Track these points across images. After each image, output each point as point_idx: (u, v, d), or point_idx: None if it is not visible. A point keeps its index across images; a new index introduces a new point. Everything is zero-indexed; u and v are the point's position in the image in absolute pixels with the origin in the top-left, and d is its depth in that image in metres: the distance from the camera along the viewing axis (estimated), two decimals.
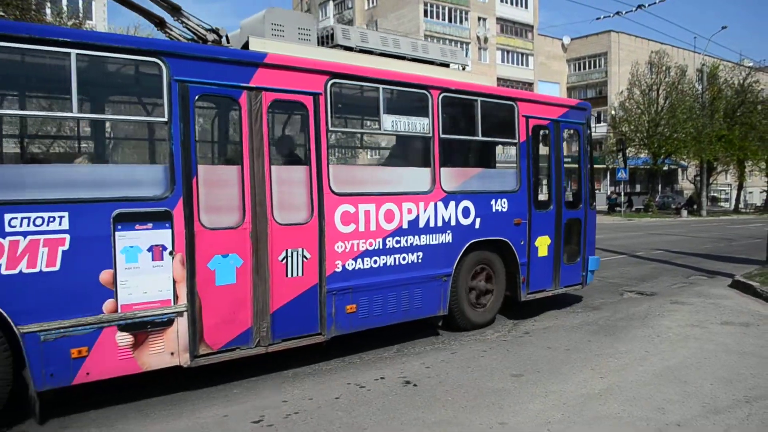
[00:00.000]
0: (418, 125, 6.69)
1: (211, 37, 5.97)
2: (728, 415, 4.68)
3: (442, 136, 6.84)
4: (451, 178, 7.03)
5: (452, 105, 7.16)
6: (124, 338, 4.81)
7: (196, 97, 5.24)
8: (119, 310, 4.78)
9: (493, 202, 7.44)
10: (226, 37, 6.04)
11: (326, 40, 6.77)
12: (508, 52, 57.91)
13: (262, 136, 5.52)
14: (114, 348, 4.76)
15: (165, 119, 5.04)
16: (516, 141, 7.75)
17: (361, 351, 6.50)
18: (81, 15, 23.13)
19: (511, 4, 57.86)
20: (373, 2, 57.03)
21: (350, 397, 5.11)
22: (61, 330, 4.54)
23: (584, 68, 64.38)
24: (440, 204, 6.86)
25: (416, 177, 6.80)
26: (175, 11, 5.96)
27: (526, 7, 58.87)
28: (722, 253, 16.04)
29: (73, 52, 4.60)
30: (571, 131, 8.76)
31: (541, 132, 8.20)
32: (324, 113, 5.91)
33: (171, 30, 6.13)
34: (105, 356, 4.72)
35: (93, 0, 34.10)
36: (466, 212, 7.14)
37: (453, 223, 6.99)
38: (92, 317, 4.67)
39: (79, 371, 4.64)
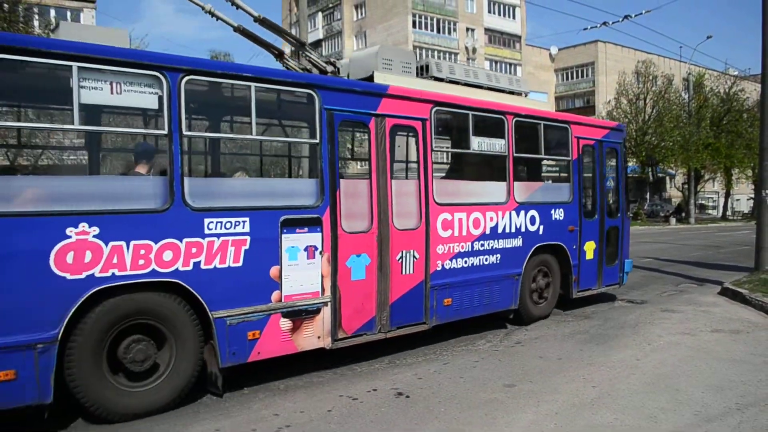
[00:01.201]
0: (497, 145, 7.82)
1: (329, 68, 7.01)
2: (720, 423, 4.70)
3: (515, 154, 7.95)
4: (522, 190, 8.12)
5: (522, 128, 8.12)
6: (286, 323, 5.73)
7: (339, 123, 6.21)
8: (283, 300, 5.70)
9: (552, 211, 8.56)
10: (337, 68, 7.10)
11: (422, 71, 7.90)
12: (496, 62, 58.21)
13: (385, 156, 6.52)
14: (278, 332, 5.69)
15: (317, 141, 5.99)
16: (569, 158, 8.87)
17: (353, 363, 6.48)
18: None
19: (499, 14, 58.29)
20: (361, 13, 57.30)
21: (343, 410, 5.08)
22: (242, 316, 5.44)
23: (572, 78, 64.87)
24: (513, 213, 7.96)
25: (496, 190, 7.86)
26: (301, 46, 7.33)
27: (514, 17, 59.32)
28: (711, 261, 16.15)
29: (253, 85, 5.56)
30: (611, 149, 9.77)
31: (588, 150, 9.31)
32: (429, 135, 6.93)
33: (288, 61, 7.16)
34: (272, 338, 5.65)
35: (81, 12, 34.05)
36: (533, 220, 8.24)
37: (523, 229, 8.10)
38: (264, 305, 5.60)
39: (252, 351, 5.54)
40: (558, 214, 8.64)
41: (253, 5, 6.92)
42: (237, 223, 5.41)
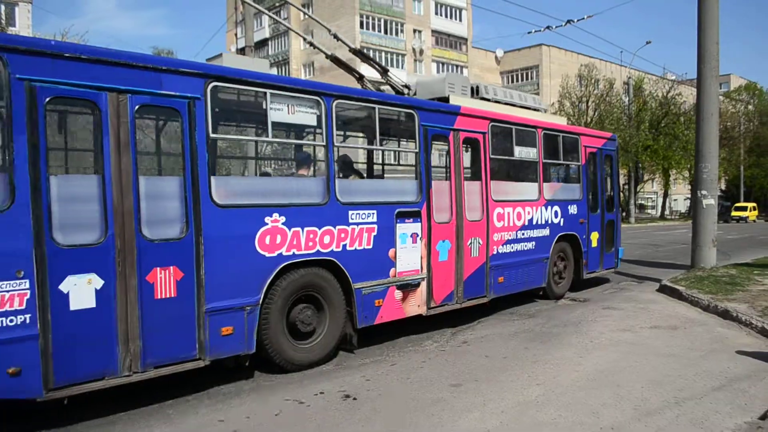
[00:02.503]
0: (531, 153, 9.63)
1: (406, 90, 8.61)
2: (659, 416, 4.83)
3: (544, 160, 9.82)
4: (548, 190, 10.01)
5: (547, 138, 9.95)
6: (399, 294, 7.29)
7: (432, 136, 7.85)
8: (397, 276, 7.25)
9: (569, 207, 10.48)
10: (412, 90, 8.68)
11: (474, 92, 9.38)
12: (443, 64, 58.76)
13: (459, 162, 8.19)
14: (393, 300, 7.24)
15: (417, 150, 7.61)
16: (579, 163, 10.83)
17: (301, 366, 6.40)
18: (3, 21, 22.22)
19: (446, 17, 58.86)
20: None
21: (290, 414, 5.02)
22: (372, 287, 6.97)
23: (517, 80, 65.99)
24: (543, 208, 9.84)
25: (531, 189, 9.69)
26: (384, 72, 8.68)
27: (460, 20, 59.99)
28: (650, 259, 16.66)
29: (377, 107, 7.17)
30: (608, 155, 11.84)
31: (592, 156, 11.25)
32: (487, 145, 8.66)
33: (367, 84, 8.67)
34: (390, 306, 7.20)
35: (16, 6, 32.80)
36: (556, 214, 10.13)
37: (550, 221, 9.97)
38: (385, 279, 7.14)
39: (377, 315, 7.08)
40: (573, 209, 10.58)
41: (198, 3, 6.96)
42: (368, 215, 6.95)
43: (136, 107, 5.13)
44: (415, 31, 56.11)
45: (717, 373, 5.92)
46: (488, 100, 9.44)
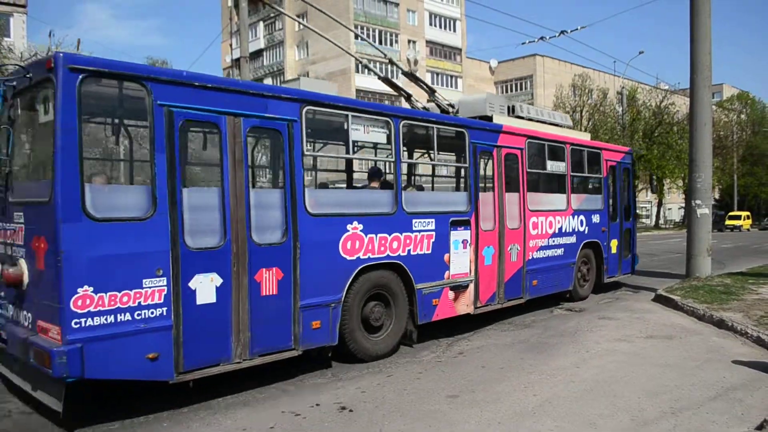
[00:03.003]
0: (560, 167, 10.55)
1: (451, 109, 9.29)
2: (655, 426, 4.82)
3: (571, 173, 10.74)
4: (575, 200, 10.87)
5: (574, 153, 10.85)
6: (451, 295, 8.14)
7: (480, 152, 8.76)
8: (450, 278, 8.09)
9: (592, 216, 11.39)
10: (456, 109, 9.41)
11: (510, 111, 10.09)
12: (437, 74, 58.97)
13: (501, 175, 9.11)
14: (447, 300, 8.09)
15: (467, 165, 8.50)
16: (601, 176, 11.74)
17: (296, 377, 6.39)
18: None
19: (440, 27, 59.14)
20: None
21: (285, 426, 4.99)
22: (430, 287, 7.78)
23: (511, 90, 66.26)
24: (570, 217, 10.75)
25: (560, 200, 10.56)
26: (432, 92, 9.37)
27: (455, 30, 60.27)
28: (645, 268, 16.63)
29: (435, 126, 8.07)
30: (626, 168, 12.79)
31: (612, 169, 12.13)
32: (525, 160, 9.54)
33: (415, 102, 9.23)
34: (444, 305, 8.05)
35: (11, 17, 32.81)
36: (581, 223, 11.04)
37: (576, 229, 10.88)
38: (441, 281, 7.96)
39: (434, 313, 7.90)
40: (595, 219, 11.49)
41: (192, 13, 7.03)
42: (428, 223, 7.76)
43: (248, 128, 5.95)
44: (409, 41, 56.35)
45: (713, 383, 5.92)
46: (522, 118, 10.21)
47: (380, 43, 54.08)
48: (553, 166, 10.38)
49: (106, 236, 4.96)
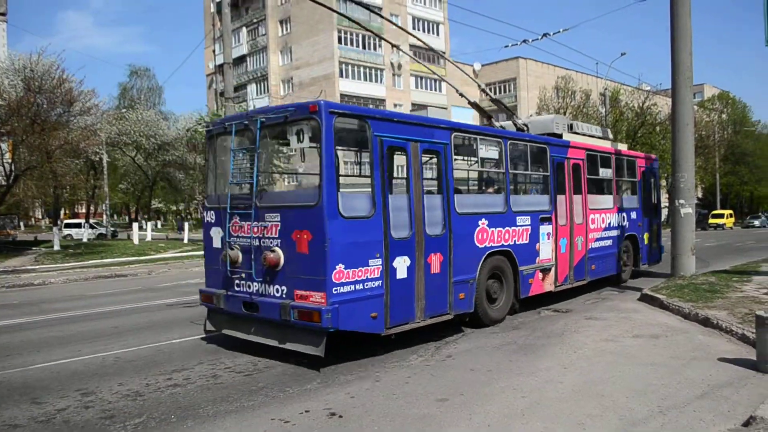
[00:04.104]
0: (608, 173, 12.96)
1: (525, 127, 11.68)
2: (644, 426, 4.85)
3: (616, 177, 13.21)
4: (619, 200, 13.33)
5: (617, 161, 13.39)
6: (540, 275, 10.36)
7: (556, 164, 11.05)
8: (540, 262, 10.34)
9: (631, 213, 13.89)
10: (527, 127, 11.82)
11: (569, 128, 12.40)
12: (421, 78, 59.09)
13: (571, 182, 11.43)
14: (537, 280, 10.29)
15: (548, 173, 10.83)
16: (636, 179, 14.38)
17: (284, 384, 6.35)
18: None
19: (424, 31, 59.23)
20: (286, 29, 56.96)
21: None
22: (528, 269, 9.98)
23: (495, 93, 66.34)
24: (616, 214, 13.20)
25: (609, 200, 13.00)
26: (511, 114, 12.06)
27: (438, 34, 60.40)
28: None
29: (528, 144, 10.59)
30: (653, 172, 15.62)
31: (644, 173, 14.79)
32: (585, 168, 11.95)
33: (494, 123, 11.53)
34: (536, 283, 10.26)
35: None
36: (623, 219, 13.45)
37: (620, 224, 13.34)
38: (534, 264, 10.20)
39: (530, 290, 10.10)
40: (633, 215, 13.94)
41: (175, 20, 7.03)
42: (525, 219, 10.00)
43: (422, 150, 8.11)
44: (393, 45, 56.39)
45: (699, 381, 5.97)
46: (578, 134, 12.57)
47: (364, 48, 54.11)
48: (604, 173, 12.78)
49: (350, 229, 6.93)
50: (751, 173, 70.75)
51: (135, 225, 33.64)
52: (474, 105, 11.80)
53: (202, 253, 9.98)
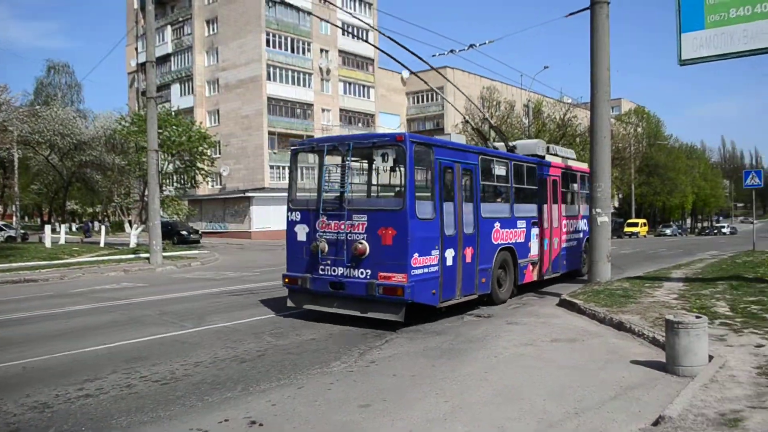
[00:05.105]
0: (575, 186, 16.15)
1: (514, 149, 14.03)
2: (560, 428, 4.97)
3: (580, 191, 16.35)
4: (582, 209, 16.16)
5: (582, 178, 16.29)
6: (530, 268, 13.06)
7: (542, 179, 13.79)
8: (531, 257, 13.03)
9: (587, 219, 15.63)
10: (516, 148, 14.36)
11: (548, 151, 15.20)
12: (350, 84, 59.12)
13: (550, 193, 14.25)
14: (529, 271, 13.01)
15: (536, 187, 13.51)
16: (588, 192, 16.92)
17: (203, 393, 6.14)
18: None
19: (353, 37, 59.21)
20: (213, 29, 55.75)
21: None
22: (523, 262, 12.65)
23: (423, 101, 67.33)
24: (581, 220, 16.27)
25: (575, 209, 16.03)
26: (506, 140, 14.64)
27: (367, 41, 60.47)
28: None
29: (525, 164, 13.31)
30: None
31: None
32: (560, 183, 14.77)
33: (491, 144, 14.91)
34: (527, 274, 12.93)
35: None
36: (585, 224, 16.07)
37: (583, 228, 16.14)
38: (527, 259, 12.90)
39: (524, 278, 12.80)
40: (586, 221, 15.92)
41: (96, 15, 6.68)
42: (522, 223, 12.63)
43: (462, 169, 10.66)
44: (322, 50, 56.18)
45: (613, 383, 6.18)
46: (554, 155, 15.30)
47: (292, 51, 53.62)
48: (572, 187, 15.95)
49: (422, 227, 9.32)
50: (663, 184, 74.48)
51: (47, 227, 31.98)
52: (476, 130, 16.62)
53: (119, 257, 9.73)
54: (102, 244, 32.59)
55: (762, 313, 9.23)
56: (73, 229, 60.12)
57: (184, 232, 39.63)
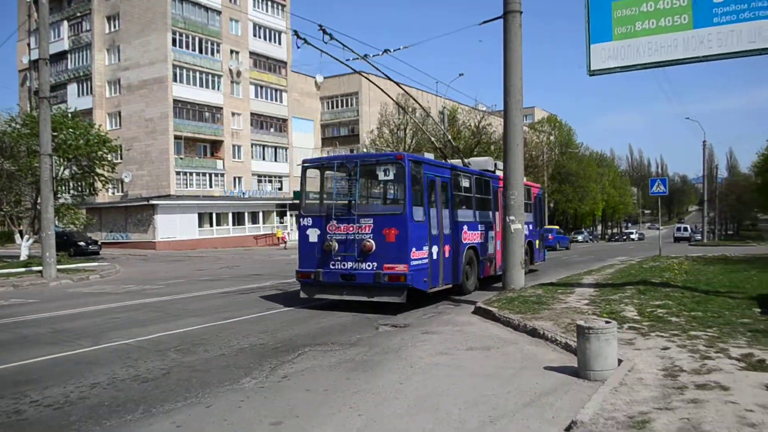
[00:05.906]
0: (522, 197, 15.24)
1: (468, 164, 16.93)
2: None
3: (526, 201, 18.07)
4: (527, 216, 18.74)
5: (526, 190, 19.47)
6: (488, 264, 16.33)
7: (495, 190, 16.82)
8: (488, 255, 16.28)
9: (530, 225, 19.94)
10: (469, 164, 17.31)
11: (495, 166, 17.81)
12: (261, 87, 58.00)
13: (500, 203, 15.62)
14: (487, 267, 16.28)
15: (491, 197, 16.77)
16: (532, 202, 20.87)
17: (101, 417, 5.66)
18: None
19: (265, 39, 58.31)
20: (115, 26, 53.10)
21: None
22: (484, 259, 15.85)
23: (337, 106, 66.93)
24: (527, 225, 18.37)
25: (526, 216, 17.77)
26: (459, 152, 19.81)
27: (280, 43, 59.77)
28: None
29: (482, 178, 16.56)
30: (539, 196, 23.27)
31: (537, 197, 22.40)
32: (500, 194, 15.59)
33: (446, 160, 16.77)
34: (486, 269, 16.16)
35: None
36: (527, 228, 18.57)
37: (526, 233, 18.07)
38: (486, 257, 16.04)
39: (484, 273, 15.95)
40: (531, 227, 19.41)
41: None
42: (482, 227, 15.74)
43: (441, 182, 13.21)
44: (232, 51, 54.79)
45: (527, 390, 6.21)
46: (501, 170, 15.86)
47: (200, 52, 51.97)
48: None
49: (417, 228, 11.68)
50: (575, 192, 77.60)
51: None
52: (454, 147, 22.19)
53: (7, 271, 8.93)
54: None
55: (668, 316, 9.61)
56: None
57: (81, 243, 37.19)
